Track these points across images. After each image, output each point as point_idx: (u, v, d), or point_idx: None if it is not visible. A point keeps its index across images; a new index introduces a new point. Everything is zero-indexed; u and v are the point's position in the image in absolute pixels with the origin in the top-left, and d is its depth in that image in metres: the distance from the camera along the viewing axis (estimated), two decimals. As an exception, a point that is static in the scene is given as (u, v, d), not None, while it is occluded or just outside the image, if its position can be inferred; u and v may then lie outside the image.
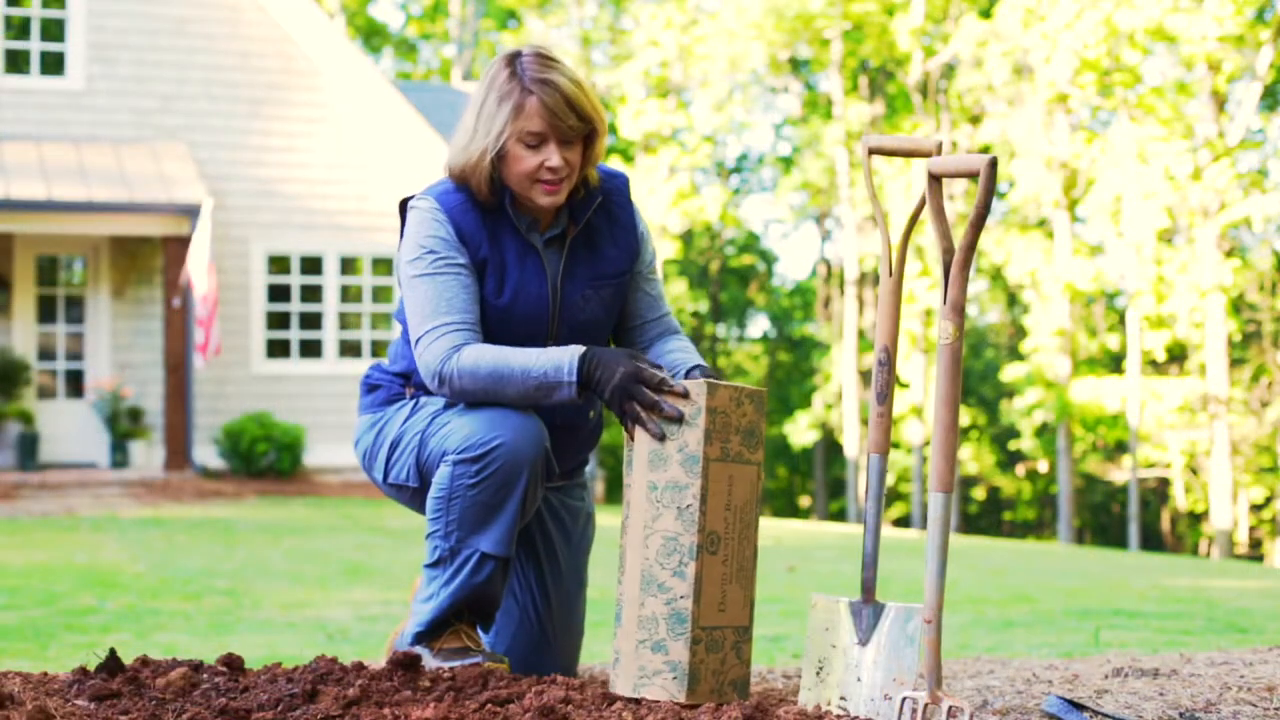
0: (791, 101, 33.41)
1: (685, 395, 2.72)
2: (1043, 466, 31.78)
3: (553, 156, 2.85)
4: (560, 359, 2.78)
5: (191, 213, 14.19)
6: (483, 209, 2.94)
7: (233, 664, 2.84)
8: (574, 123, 2.85)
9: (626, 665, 2.74)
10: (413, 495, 3.06)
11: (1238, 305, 25.82)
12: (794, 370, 34.97)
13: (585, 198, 2.99)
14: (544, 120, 2.83)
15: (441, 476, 2.88)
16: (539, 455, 2.88)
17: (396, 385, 3.10)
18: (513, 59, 2.88)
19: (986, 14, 27.52)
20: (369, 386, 3.13)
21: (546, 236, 2.98)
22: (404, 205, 3.01)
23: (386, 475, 3.06)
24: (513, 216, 2.94)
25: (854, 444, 29.29)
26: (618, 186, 3.06)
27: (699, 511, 2.73)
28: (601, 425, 3.20)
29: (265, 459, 15.09)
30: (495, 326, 2.95)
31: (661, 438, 2.72)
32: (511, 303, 2.94)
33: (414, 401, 3.04)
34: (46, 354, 15.40)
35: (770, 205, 37.63)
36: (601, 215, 3.02)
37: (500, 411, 2.86)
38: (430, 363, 2.83)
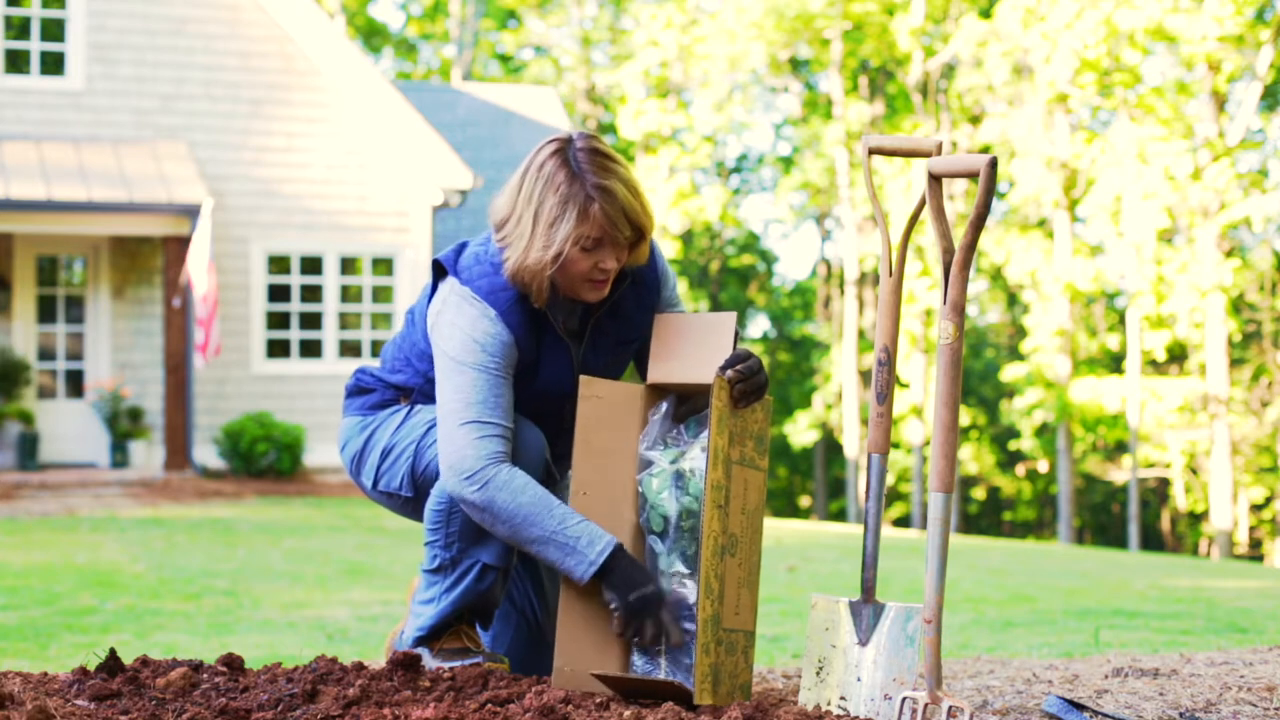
0: (791, 101, 33.41)
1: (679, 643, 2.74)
2: (1043, 466, 31.77)
3: (607, 260, 2.81)
4: (596, 537, 2.74)
5: (191, 213, 14.18)
6: (529, 304, 2.88)
7: (233, 664, 2.84)
8: (628, 234, 2.81)
9: (699, 666, 2.68)
10: (404, 503, 3.04)
11: (1238, 305, 25.82)
12: (794, 370, 34.97)
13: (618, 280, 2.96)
14: (603, 229, 2.78)
15: (441, 488, 2.87)
16: (541, 464, 2.88)
17: (390, 393, 3.07)
18: (565, 154, 2.80)
19: (986, 14, 27.52)
20: (358, 389, 3.10)
21: (579, 312, 2.95)
22: (439, 268, 2.93)
23: (376, 482, 3.04)
24: (549, 314, 2.90)
25: (854, 444, 29.29)
26: None
27: (730, 508, 2.73)
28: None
29: (265, 459, 15.08)
30: (520, 407, 2.93)
31: (680, 643, 2.74)
32: (538, 389, 2.93)
33: (407, 409, 3.02)
34: (46, 354, 15.39)
35: (770, 205, 37.64)
36: (628, 286, 2.98)
37: None
38: (472, 457, 2.76)
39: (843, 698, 2.70)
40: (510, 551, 2.88)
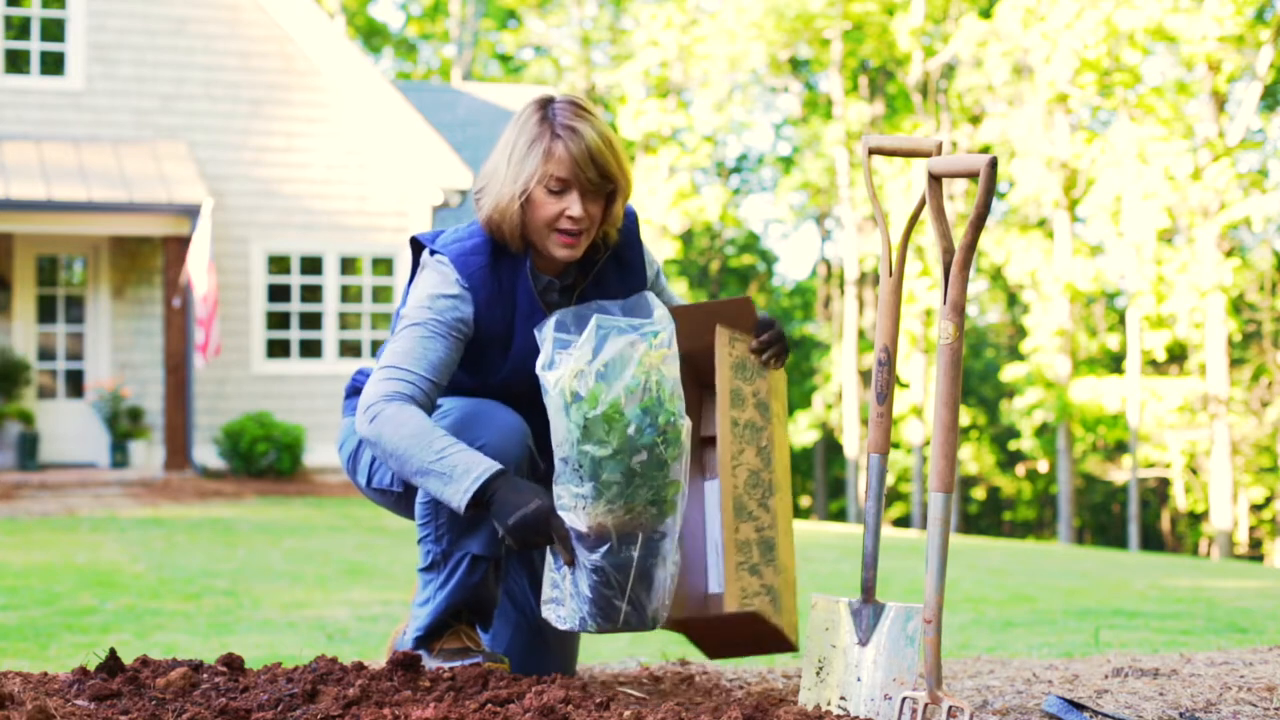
0: (791, 101, 33.41)
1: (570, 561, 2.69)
2: (1043, 466, 31.77)
3: (574, 205, 2.82)
4: (474, 464, 2.68)
5: (191, 213, 14.18)
6: (502, 270, 2.90)
7: (233, 664, 2.84)
8: (594, 176, 2.82)
9: (730, 583, 2.78)
10: (396, 500, 3.05)
11: (1238, 305, 25.82)
12: (794, 370, 34.97)
13: (596, 249, 2.97)
14: (568, 167, 2.80)
15: None
16: (523, 454, 2.87)
17: None
18: (545, 104, 2.87)
19: (986, 14, 27.52)
20: (355, 390, 3.12)
21: (558, 287, 2.95)
22: (416, 244, 2.97)
23: (370, 479, 3.06)
24: (531, 279, 2.91)
25: (854, 444, 29.28)
26: (626, 226, 3.02)
27: (772, 455, 2.83)
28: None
29: (265, 459, 15.08)
30: (497, 386, 2.95)
31: (570, 563, 2.70)
32: (511, 371, 2.94)
33: None
34: (46, 354, 15.39)
35: (770, 205, 37.65)
36: (611, 263, 3.00)
37: (484, 413, 2.86)
38: (371, 395, 2.78)
39: (843, 698, 2.70)
40: (498, 541, 2.88)
